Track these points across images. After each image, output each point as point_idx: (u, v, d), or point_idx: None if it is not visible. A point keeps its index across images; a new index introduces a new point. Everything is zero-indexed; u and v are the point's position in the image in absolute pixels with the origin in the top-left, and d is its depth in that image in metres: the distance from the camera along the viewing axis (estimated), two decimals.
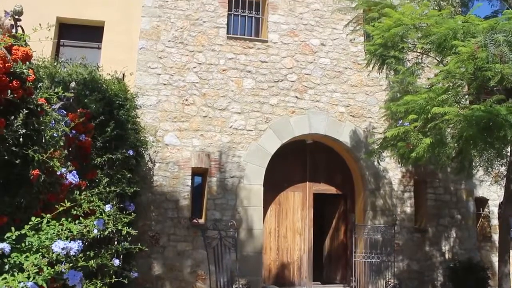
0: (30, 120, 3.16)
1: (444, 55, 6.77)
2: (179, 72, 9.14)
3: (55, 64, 5.68)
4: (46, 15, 9.06)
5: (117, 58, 8.71)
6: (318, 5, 10.18)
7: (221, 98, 9.21)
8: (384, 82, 9.93)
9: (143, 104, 8.53)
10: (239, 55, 9.51)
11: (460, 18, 6.32)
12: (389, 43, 7.22)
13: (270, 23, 9.85)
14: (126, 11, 9.84)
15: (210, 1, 9.63)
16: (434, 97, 6.26)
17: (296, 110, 9.52)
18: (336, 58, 9.99)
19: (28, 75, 3.10)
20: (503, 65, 5.38)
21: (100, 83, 5.78)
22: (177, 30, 9.33)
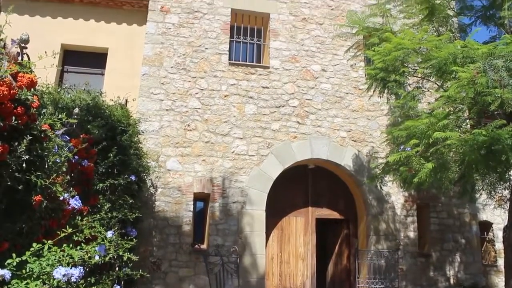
0: (33, 146, 3.18)
1: (445, 79, 6.82)
2: (182, 98, 9.22)
3: (59, 90, 5.74)
4: (51, 41, 9.24)
5: (120, 84, 8.83)
6: (319, 32, 10.32)
7: (223, 124, 9.26)
8: (385, 107, 9.98)
9: (146, 130, 8.58)
10: (241, 81, 9.60)
11: (460, 43, 6.39)
12: (389, 67, 7.28)
13: (271, 49, 9.98)
14: (130, 38, 10.03)
15: (212, 28, 9.78)
16: (435, 122, 6.28)
17: (298, 135, 9.55)
18: (337, 84, 10.08)
19: (33, 101, 3.14)
20: (502, 90, 5.41)
21: (103, 109, 5.84)
22: (179, 57, 9.44)
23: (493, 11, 7.56)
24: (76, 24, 10.06)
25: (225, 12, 9.96)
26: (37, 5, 10.00)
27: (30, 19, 9.85)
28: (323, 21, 10.43)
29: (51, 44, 9.20)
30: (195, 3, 9.86)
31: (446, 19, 7.90)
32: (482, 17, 7.76)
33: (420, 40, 7.02)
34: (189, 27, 9.68)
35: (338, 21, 10.28)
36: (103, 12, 10.22)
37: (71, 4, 10.14)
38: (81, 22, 10.09)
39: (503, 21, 7.22)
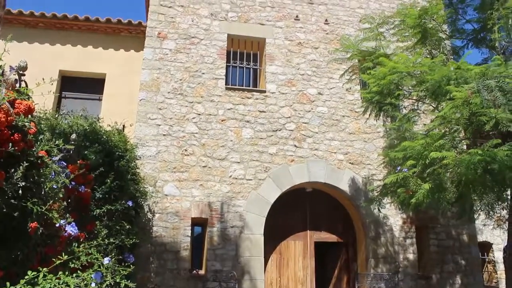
0: (30, 173, 3.18)
1: (439, 101, 6.88)
2: (179, 123, 9.25)
3: (57, 116, 5.76)
4: (49, 68, 9.38)
5: (118, 110, 8.89)
6: (314, 56, 10.45)
7: (220, 148, 9.28)
8: (382, 129, 10.04)
9: (143, 155, 8.58)
10: (237, 105, 9.66)
11: (453, 65, 6.48)
12: (385, 90, 7.35)
13: (268, 74, 10.08)
14: (127, 64, 10.15)
15: (209, 53, 9.90)
16: (431, 142, 6.30)
17: (295, 159, 9.57)
18: (334, 107, 10.15)
19: (30, 128, 3.16)
20: (497, 110, 5.47)
21: (101, 135, 5.85)
22: (176, 82, 9.52)
23: (483, 34, 7.69)
24: (74, 50, 10.20)
25: (221, 38, 10.09)
26: (36, 32, 10.16)
27: (28, 46, 9.99)
28: (318, 45, 10.57)
29: (49, 70, 9.34)
30: (192, 29, 10.00)
31: (439, 42, 8.02)
32: (473, 40, 7.89)
33: (414, 63, 7.11)
34: (186, 53, 9.79)
35: (333, 45, 10.43)
36: (101, 38, 10.38)
37: (69, 31, 10.30)
38: (79, 48, 10.24)
39: (494, 44, 7.34)
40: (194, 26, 10.05)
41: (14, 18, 10.00)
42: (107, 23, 10.29)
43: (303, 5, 10.89)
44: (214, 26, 10.16)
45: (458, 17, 8.16)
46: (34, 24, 10.20)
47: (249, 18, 10.44)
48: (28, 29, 10.15)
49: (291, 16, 10.70)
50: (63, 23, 10.22)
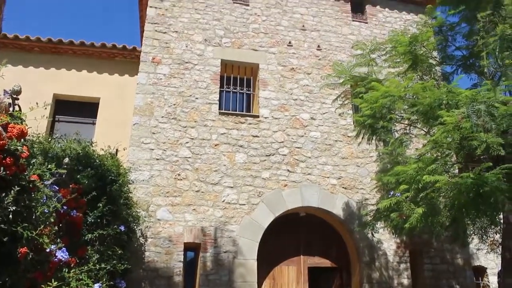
0: (21, 197, 3.16)
1: (431, 125, 6.95)
2: (172, 147, 9.26)
3: (50, 140, 5.75)
4: (43, 91, 9.43)
5: (111, 134, 8.89)
6: (307, 81, 10.57)
7: (214, 173, 9.26)
8: (374, 154, 10.09)
9: (136, 179, 8.54)
10: (231, 130, 9.70)
11: (445, 88, 6.58)
12: (377, 114, 7.42)
13: (261, 99, 10.15)
14: (121, 88, 10.23)
15: (203, 78, 9.98)
16: (423, 167, 6.35)
17: (288, 183, 9.57)
18: (326, 132, 10.21)
19: (22, 152, 3.15)
20: (487, 134, 5.54)
21: (94, 159, 5.84)
22: (170, 106, 9.57)
23: (473, 60, 7.83)
24: (68, 74, 10.27)
25: (215, 63, 10.19)
26: (31, 56, 10.23)
27: (23, 70, 10.05)
28: (311, 70, 10.70)
29: (44, 94, 9.38)
30: (186, 54, 10.10)
31: (430, 68, 8.15)
32: (463, 66, 8.03)
33: (405, 87, 7.21)
34: (179, 78, 9.87)
35: (325, 71, 10.56)
36: (96, 63, 10.46)
37: (64, 55, 10.37)
38: (74, 72, 10.31)
39: (483, 69, 7.47)
40: (188, 51, 10.16)
41: (10, 42, 10.08)
42: (102, 48, 10.38)
43: (295, 32, 11.06)
44: (208, 51, 10.28)
45: (448, 44, 8.31)
46: (29, 49, 10.27)
47: (242, 44, 10.57)
48: (23, 53, 10.22)
49: (284, 42, 10.86)
50: (58, 48, 10.31)
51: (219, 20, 10.68)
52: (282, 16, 11.16)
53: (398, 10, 12.18)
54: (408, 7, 12.26)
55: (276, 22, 11.06)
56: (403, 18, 12.07)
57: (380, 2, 12.13)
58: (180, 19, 10.46)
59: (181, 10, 10.56)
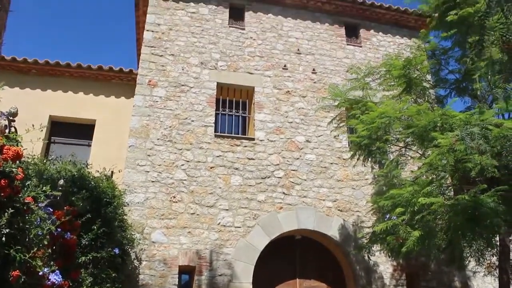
0: (15, 219, 3.14)
1: (426, 147, 6.99)
2: (167, 170, 9.24)
3: (45, 161, 5.74)
4: (39, 113, 9.45)
5: (107, 155, 8.88)
6: (302, 104, 10.64)
7: (209, 195, 9.23)
8: (370, 176, 10.10)
9: (131, 201, 8.50)
10: (226, 153, 9.71)
11: (439, 110, 6.65)
12: (373, 135, 7.46)
13: (256, 122, 10.20)
14: (117, 110, 10.26)
15: (199, 101, 10.03)
16: (419, 189, 6.36)
17: (284, 206, 9.54)
18: (322, 154, 10.24)
19: (17, 174, 3.15)
20: (481, 157, 5.57)
21: (89, 180, 5.82)
22: (166, 129, 9.59)
23: (466, 84, 7.94)
24: (65, 96, 10.32)
25: (211, 86, 10.27)
26: (28, 78, 10.29)
27: (20, 91, 10.09)
28: (306, 93, 10.79)
29: (40, 115, 9.39)
30: (182, 77, 10.18)
31: (423, 91, 8.25)
32: (456, 89, 8.13)
33: (401, 110, 7.28)
34: (175, 100, 9.92)
35: (320, 94, 10.64)
36: (92, 85, 10.52)
37: (61, 77, 10.43)
38: (70, 94, 10.36)
39: (476, 92, 7.57)
40: (184, 74, 10.24)
41: (7, 64, 10.15)
42: (99, 70, 10.46)
43: (291, 55, 11.19)
44: (204, 74, 10.36)
45: (441, 67, 8.43)
46: (27, 71, 10.33)
47: (238, 67, 10.67)
48: (20, 75, 10.27)
49: (280, 65, 10.97)
50: (55, 70, 10.38)
51: (215, 43, 10.81)
52: (277, 40, 11.31)
53: (392, 34, 12.37)
54: (401, 31, 12.46)
55: (271, 45, 11.19)
56: (396, 42, 12.25)
57: (374, 27, 12.32)
58: (177, 42, 10.57)
59: (177, 33, 10.68)
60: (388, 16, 12.36)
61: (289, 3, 11.80)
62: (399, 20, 12.45)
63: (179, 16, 10.91)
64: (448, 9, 7.57)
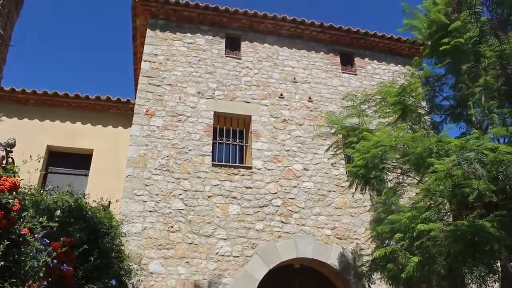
0: (10, 251, 3.11)
1: (423, 174, 7.00)
2: (165, 199, 9.20)
3: (42, 192, 5.71)
4: (37, 143, 9.48)
5: (104, 185, 8.85)
6: (299, 132, 10.69)
7: (207, 225, 9.17)
8: (368, 203, 10.08)
9: (128, 232, 8.41)
10: (224, 182, 9.69)
11: (434, 137, 6.69)
12: (369, 164, 7.47)
13: (254, 150, 10.22)
14: (115, 140, 10.30)
15: (196, 130, 10.08)
16: (417, 215, 6.34)
17: (282, 235, 9.47)
18: (319, 182, 10.23)
19: (14, 205, 3.13)
20: (478, 182, 5.58)
21: (86, 211, 5.77)
22: (163, 158, 9.59)
23: (460, 110, 8.01)
24: (62, 126, 10.38)
25: (208, 115, 10.33)
26: (26, 108, 10.37)
27: (18, 121, 10.14)
28: (302, 122, 10.86)
29: (37, 145, 9.42)
30: (179, 107, 10.25)
31: (419, 118, 8.30)
32: (451, 115, 8.19)
33: (396, 137, 7.32)
34: (173, 130, 9.96)
35: (317, 122, 10.72)
36: (90, 115, 10.59)
37: (59, 107, 10.49)
38: (68, 124, 10.43)
39: (471, 118, 7.63)
40: (181, 104, 10.31)
41: (6, 94, 10.23)
42: (97, 100, 10.56)
43: (287, 84, 11.31)
44: (201, 104, 10.44)
45: (436, 94, 8.52)
46: (25, 101, 10.41)
47: (235, 97, 10.77)
48: (19, 105, 10.34)
49: (276, 94, 11.07)
50: (53, 100, 10.47)
51: (212, 73, 10.93)
52: (273, 69, 11.45)
53: (386, 62, 12.55)
54: (395, 59, 12.65)
55: (267, 75, 11.32)
56: (391, 69, 12.42)
57: (369, 55, 12.51)
58: (174, 72, 10.69)
59: (174, 64, 10.81)
60: (382, 45, 12.57)
61: (285, 32, 12.01)
62: (393, 48, 12.66)
63: (176, 46, 11.07)
64: (441, 37, 7.70)
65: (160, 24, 11.29)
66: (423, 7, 8.21)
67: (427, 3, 8.09)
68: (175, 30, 11.31)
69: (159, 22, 11.29)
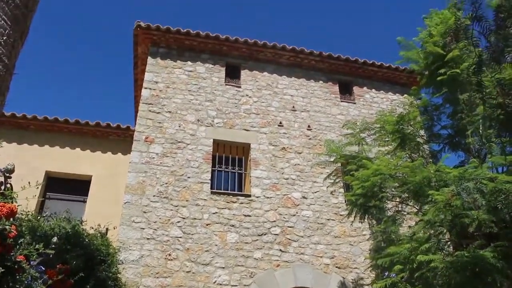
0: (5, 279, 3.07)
1: (422, 203, 6.98)
2: (163, 227, 9.13)
3: (39, 218, 5.68)
4: (36, 168, 9.47)
5: (102, 212, 8.80)
6: (298, 160, 10.70)
7: (205, 253, 9.07)
8: (367, 232, 10.00)
9: (126, 259, 8.32)
10: (222, 210, 9.64)
11: (432, 167, 6.69)
12: (369, 192, 7.45)
13: (252, 178, 10.20)
14: (114, 166, 10.29)
15: (195, 158, 10.08)
16: (417, 246, 6.29)
17: (281, 264, 9.36)
18: (318, 210, 10.18)
19: (10, 231, 3.11)
20: (478, 212, 5.56)
21: (83, 238, 5.74)
22: (162, 185, 9.56)
23: (458, 139, 8.04)
24: (62, 152, 10.39)
25: (207, 143, 10.35)
26: (26, 133, 10.40)
27: (17, 147, 10.15)
28: (301, 150, 10.88)
29: (36, 171, 9.40)
30: (179, 134, 10.28)
31: (417, 146, 8.33)
32: (449, 144, 8.22)
33: (395, 166, 7.32)
34: (172, 157, 9.96)
35: (316, 150, 10.74)
36: (90, 141, 10.62)
37: (59, 133, 10.52)
38: (67, 150, 10.44)
39: (469, 147, 7.65)
40: (181, 131, 10.35)
41: (6, 120, 10.27)
42: (97, 127, 10.60)
43: (286, 112, 11.38)
44: (200, 131, 10.48)
45: (434, 123, 8.57)
46: (25, 126, 10.45)
47: (234, 124, 10.82)
48: (19, 130, 10.37)
49: (275, 122, 11.13)
50: (53, 126, 10.51)
51: (212, 101, 11.01)
52: (273, 98, 11.54)
53: (384, 91, 12.66)
54: (394, 88, 12.77)
55: (267, 103, 11.40)
56: (389, 98, 12.52)
57: (367, 84, 12.63)
58: (174, 100, 10.76)
59: (174, 91, 10.90)
60: (380, 74, 12.71)
61: (284, 61, 12.15)
62: (391, 77, 12.80)
63: (177, 74, 11.18)
64: (437, 68, 7.80)
65: (161, 52, 11.43)
66: (419, 39, 8.35)
67: (423, 35, 8.23)
68: (176, 58, 11.45)
69: (160, 50, 11.44)
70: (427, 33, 8.13)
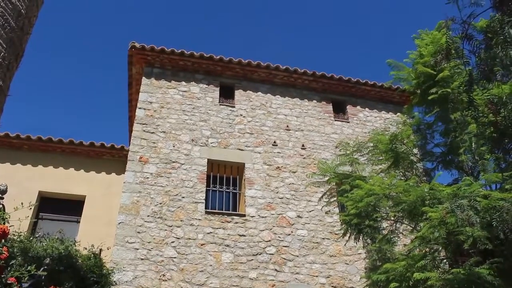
0: None
1: (417, 221, 6.98)
2: (157, 247, 9.06)
3: (31, 239, 5.62)
4: (29, 188, 9.41)
5: (96, 232, 8.74)
6: (293, 180, 10.70)
7: (200, 273, 8.99)
8: (363, 251, 9.95)
9: (119, 280, 8.21)
10: (217, 229, 9.59)
11: (426, 186, 6.71)
12: (363, 212, 7.44)
13: (247, 198, 10.18)
14: (108, 186, 10.24)
15: (189, 177, 10.06)
16: (413, 263, 6.27)
17: (276, 283, 9.28)
18: (313, 230, 10.14)
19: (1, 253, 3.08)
20: (472, 229, 5.57)
21: (76, 259, 5.68)
22: (156, 205, 9.52)
23: (451, 157, 8.09)
24: (55, 172, 10.34)
25: (201, 163, 10.35)
26: (19, 153, 10.35)
27: (11, 167, 10.10)
28: (296, 169, 10.88)
29: (29, 191, 9.34)
30: (173, 154, 10.28)
31: (411, 165, 8.36)
32: (442, 162, 8.25)
33: (389, 185, 7.33)
34: (166, 177, 9.94)
35: (310, 169, 10.75)
36: (83, 161, 10.59)
37: (53, 153, 10.48)
38: (61, 170, 10.40)
39: (462, 165, 7.69)
40: (175, 151, 10.35)
41: (0, 140, 10.20)
42: (91, 147, 10.57)
43: (280, 132, 11.42)
44: (194, 151, 10.48)
45: (427, 141, 8.61)
46: (19, 146, 10.41)
47: (228, 144, 10.83)
48: (12, 150, 10.32)
49: (269, 141, 11.16)
50: (47, 146, 10.49)
51: (206, 121, 11.04)
52: (267, 117, 11.59)
53: (378, 110, 12.76)
54: (387, 106, 12.87)
55: (261, 122, 11.45)
56: (382, 117, 12.61)
57: (360, 103, 12.73)
58: (168, 120, 10.79)
59: (169, 111, 10.93)
60: (374, 93, 12.82)
61: (278, 81, 12.25)
62: (384, 96, 12.91)
63: (171, 94, 11.23)
64: (429, 87, 7.90)
65: (156, 72, 11.50)
66: (410, 59, 8.46)
67: (414, 55, 8.35)
68: (170, 78, 11.51)
69: (155, 71, 11.51)
70: (418, 53, 8.25)
